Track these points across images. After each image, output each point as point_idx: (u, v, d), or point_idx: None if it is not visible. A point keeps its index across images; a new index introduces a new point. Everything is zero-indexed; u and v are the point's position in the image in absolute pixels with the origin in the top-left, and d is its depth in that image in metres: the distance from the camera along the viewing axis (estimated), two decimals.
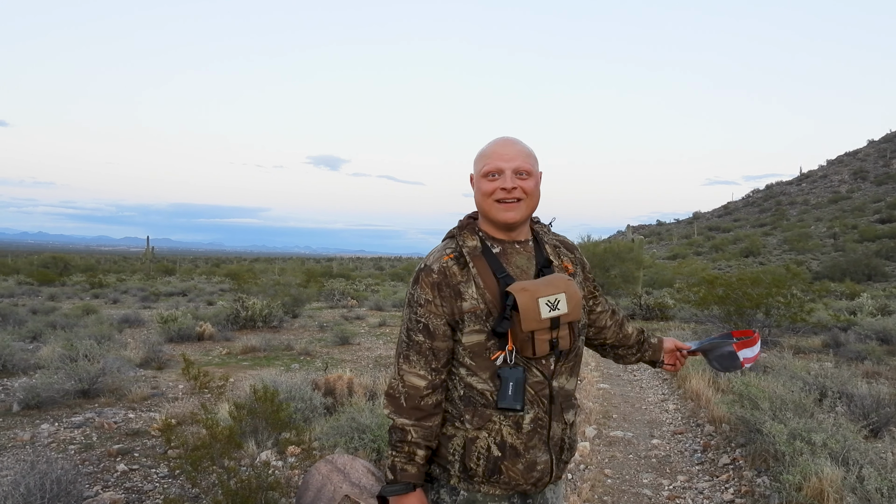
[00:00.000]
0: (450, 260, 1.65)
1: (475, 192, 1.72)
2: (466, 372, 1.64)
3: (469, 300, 1.61)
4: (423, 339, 1.62)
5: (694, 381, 6.93)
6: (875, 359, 8.64)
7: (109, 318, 13.15)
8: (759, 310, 11.01)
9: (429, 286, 1.62)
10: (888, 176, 71.71)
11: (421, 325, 1.63)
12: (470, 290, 1.62)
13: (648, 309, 16.67)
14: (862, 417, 4.96)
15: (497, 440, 1.62)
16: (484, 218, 1.72)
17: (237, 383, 7.15)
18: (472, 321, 1.61)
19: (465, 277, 1.63)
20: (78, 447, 4.87)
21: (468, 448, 1.63)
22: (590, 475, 4.45)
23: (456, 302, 1.61)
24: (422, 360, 1.62)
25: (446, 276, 1.62)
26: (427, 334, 1.62)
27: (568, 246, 1.86)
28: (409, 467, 1.61)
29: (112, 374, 6.73)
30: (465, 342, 1.62)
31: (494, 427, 1.62)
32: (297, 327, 13.72)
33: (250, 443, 4.44)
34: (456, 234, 1.72)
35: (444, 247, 1.70)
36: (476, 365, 1.62)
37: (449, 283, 1.62)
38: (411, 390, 1.62)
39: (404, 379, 1.63)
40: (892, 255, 39.17)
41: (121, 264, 60.23)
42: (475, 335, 1.61)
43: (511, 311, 1.58)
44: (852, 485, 3.42)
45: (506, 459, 1.62)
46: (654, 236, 76.65)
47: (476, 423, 1.62)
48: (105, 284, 29.42)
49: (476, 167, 1.73)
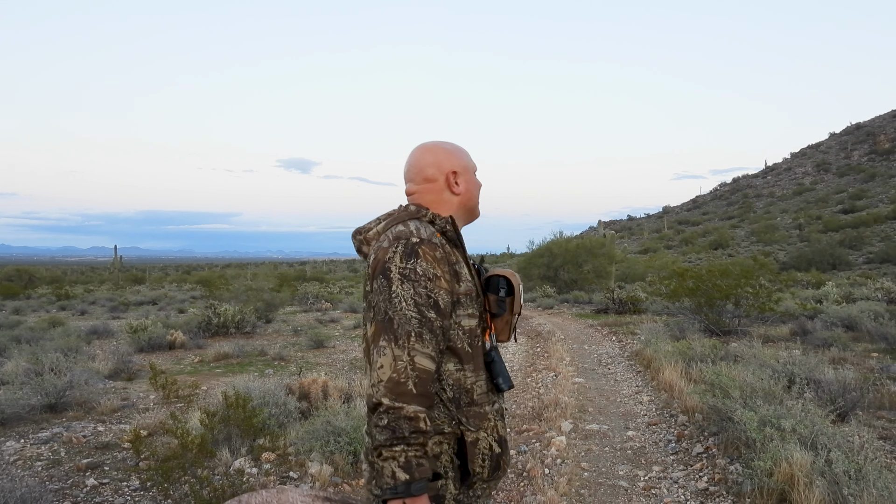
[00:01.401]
0: (442, 238, 1.59)
1: (464, 185, 1.74)
2: (456, 366, 1.57)
3: (465, 282, 1.59)
4: (435, 317, 1.48)
5: (667, 372, 7.02)
6: (841, 345, 8.84)
7: (77, 330, 12.86)
8: (728, 300, 11.20)
9: (435, 260, 1.51)
10: (850, 167, 73.69)
11: (432, 301, 1.48)
12: (464, 272, 1.61)
13: (621, 303, 16.84)
14: (829, 402, 5.07)
15: (496, 436, 1.61)
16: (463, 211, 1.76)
17: (210, 391, 7.03)
18: (467, 304, 1.59)
19: (458, 258, 1.61)
20: (45, 463, 4.74)
21: (470, 452, 1.56)
22: (567, 469, 4.47)
23: (455, 282, 1.56)
24: (434, 340, 1.47)
25: (447, 254, 1.57)
26: (438, 311, 1.49)
27: None
28: (424, 462, 1.41)
29: (80, 387, 6.58)
30: (463, 326, 1.57)
31: (490, 424, 1.61)
32: (270, 332, 13.57)
33: (224, 451, 4.37)
34: (430, 216, 1.65)
35: (422, 225, 1.60)
36: (470, 353, 1.58)
37: (449, 262, 1.56)
38: (423, 374, 1.44)
39: (415, 361, 1.43)
40: (855, 245, 40.20)
41: (88, 275, 58.96)
42: (470, 319, 1.59)
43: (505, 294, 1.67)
44: (821, 468, 3.49)
45: (504, 453, 1.64)
46: (625, 231, 77.56)
47: (475, 424, 1.57)
48: (72, 296, 28.75)
49: (467, 164, 1.78)
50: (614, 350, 10.32)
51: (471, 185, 1.76)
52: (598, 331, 13.17)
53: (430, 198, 1.71)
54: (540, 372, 8.33)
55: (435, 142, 1.78)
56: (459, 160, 1.75)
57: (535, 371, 8.45)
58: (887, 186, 59.36)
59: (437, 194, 1.71)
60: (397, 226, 1.59)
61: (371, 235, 1.66)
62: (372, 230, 1.67)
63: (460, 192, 1.73)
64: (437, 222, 1.63)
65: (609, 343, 11.25)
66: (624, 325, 13.44)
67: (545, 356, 9.66)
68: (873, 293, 15.74)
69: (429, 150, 1.75)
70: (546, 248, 27.35)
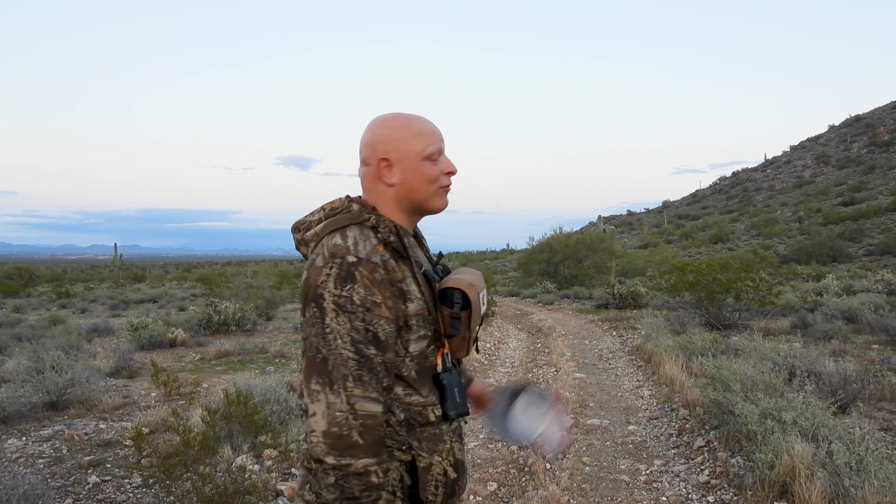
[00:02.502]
0: (385, 252, 1.35)
1: (399, 176, 1.43)
2: (405, 390, 1.38)
3: (415, 301, 1.36)
4: (376, 353, 1.27)
5: (668, 366, 7.02)
6: (841, 337, 8.86)
7: (77, 328, 12.86)
8: (728, 294, 11.20)
9: (375, 284, 1.28)
10: (849, 160, 73.62)
11: (371, 335, 1.27)
12: (413, 289, 1.36)
13: (622, 298, 16.85)
14: (830, 395, 5.08)
15: (451, 461, 1.44)
16: (406, 205, 1.46)
17: (211, 388, 7.04)
18: (418, 326, 1.37)
19: (405, 274, 1.36)
20: (47, 461, 4.75)
21: (423, 479, 1.39)
22: (568, 464, 4.48)
23: (400, 303, 1.33)
24: (374, 380, 1.27)
25: (388, 272, 1.32)
26: (378, 345, 1.28)
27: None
28: None
29: (81, 385, 6.58)
30: (411, 351, 1.36)
31: (446, 447, 1.43)
32: (271, 330, 13.58)
33: (225, 448, 4.38)
34: (373, 220, 1.39)
35: (363, 236, 1.35)
36: (419, 379, 1.39)
37: (393, 281, 1.32)
38: (368, 420, 1.24)
39: (356, 408, 1.24)
40: (855, 237, 40.21)
41: (88, 273, 59.01)
42: (420, 342, 1.38)
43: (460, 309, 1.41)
44: (822, 460, 3.50)
45: (460, 479, 1.47)
46: (625, 226, 77.56)
47: (428, 448, 1.40)
48: (72, 294, 28.78)
49: (412, 146, 1.43)
50: (615, 345, 10.33)
51: (410, 175, 1.42)
52: (598, 326, 13.18)
53: (367, 185, 1.46)
54: (541, 367, 8.34)
55: (386, 115, 1.47)
56: (396, 144, 1.42)
57: (536, 367, 8.45)
58: (887, 178, 59.33)
59: (371, 183, 1.45)
60: (335, 235, 1.35)
61: (309, 236, 1.43)
62: (311, 230, 1.43)
63: (394, 184, 1.43)
64: (380, 230, 1.37)
65: (609, 338, 11.26)
66: (624, 320, 13.45)
67: (546, 352, 9.67)
68: (874, 285, 15.75)
69: (372, 125, 1.46)
70: (546, 244, 27.36)
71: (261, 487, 3.76)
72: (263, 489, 3.83)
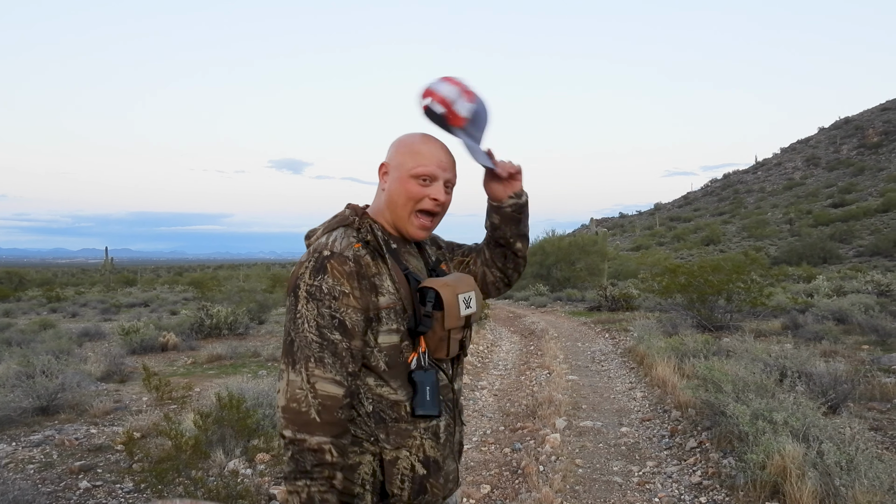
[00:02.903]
0: (360, 248, 1.46)
1: (395, 187, 1.53)
2: (376, 381, 1.45)
3: (387, 295, 1.44)
4: (340, 338, 1.37)
5: (660, 368, 7.05)
6: (832, 338, 8.91)
7: (68, 332, 12.78)
8: (720, 296, 11.26)
9: (344, 276, 1.40)
10: (839, 162, 74.19)
11: (336, 322, 1.37)
12: (386, 284, 1.45)
13: (614, 300, 16.90)
14: (821, 395, 5.11)
15: (420, 457, 1.47)
16: (390, 214, 1.56)
17: (203, 392, 7.01)
18: (389, 319, 1.44)
19: (379, 270, 1.46)
20: (37, 466, 4.71)
21: (388, 472, 1.44)
22: (561, 466, 4.49)
23: (371, 296, 1.43)
24: (338, 364, 1.36)
25: (361, 266, 1.43)
26: (344, 332, 1.38)
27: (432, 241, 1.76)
28: (329, 497, 1.32)
29: (72, 390, 6.53)
30: (381, 343, 1.44)
31: (415, 443, 1.47)
32: (263, 333, 13.52)
33: (218, 452, 4.36)
34: (356, 222, 1.53)
35: (344, 235, 1.48)
36: (389, 372, 1.45)
37: (364, 275, 1.43)
38: (327, 401, 1.34)
39: (316, 387, 1.34)
40: (845, 239, 40.50)
41: (79, 277, 58.62)
42: (391, 335, 1.45)
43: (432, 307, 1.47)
44: (813, 460, 3.52)
45: (431, 476, 1.49)
46: (617, 228, 77.83)
47: (394, 442, 1.45)
48: (63, 298, 28.57)
49: (405, 161, 1.53)
50: (607, 347, 10.35)
51: (395, 187, 1.53)
52: (591, 328, 13.21)
53: (378, 189, 1.61)
54: (534, 370, 8.35)
55: (410, 132, 1.62)
56: (396, 156, 1.55)
57: (529, 369, 8.46)
58: (876, 180, 59.81)
59: (378, 186, 1.60)
60: (323, 236, 1.50)
61: (312, 241, 1.54)
62: (314, 236, 1.55)
63: (384, 190, 1.56)
64: (361, 231, 1.50)
65: (602, 340, 11.29)
66: (617, 322, 13.49)
67: (539, 354, 9.68)
68: (864, 286, 15.87)
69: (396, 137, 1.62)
70: (539, 247, 27.41)
71: (253, 491, 3.74)
72: (256, 493, 3.82)
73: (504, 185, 1.68)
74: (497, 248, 1.73)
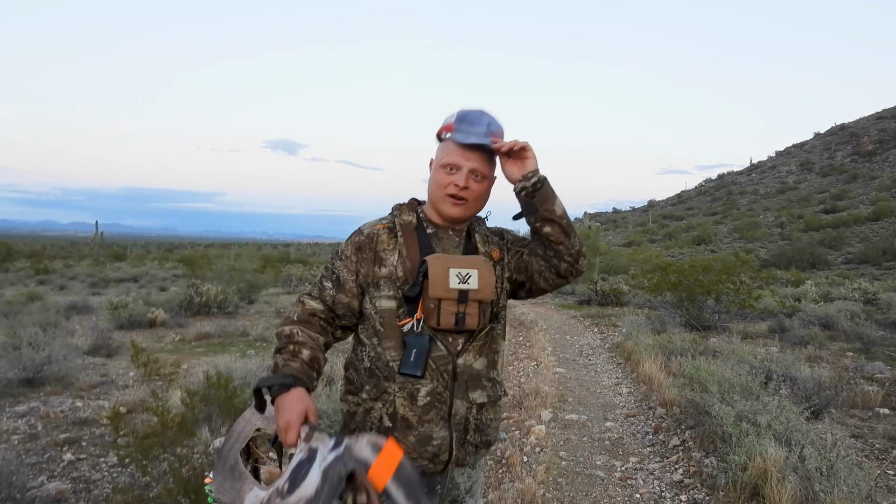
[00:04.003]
0: (382, 229, 1.73)
1: (430, 177, 1.75)
2: (376, 341, 1.69)
3: (388, 266, 1.69)
4: (331, 287, 1.73)
5: (647, 365, 7.10)
6: (817, 344, 8.99)
7: (56, 305, 12.69)
8: (709, 296, 11.31)
9: (353, 245, 1.73)
10: (832, 168, 74.54)
11: (333, 276, 1.74)
12: (392, 258, 1.69)
13: (604, 295, 16.96)
14: (804, 400, 5.16)
15: (389, 411, 1.65)
16: (430, 203, 1.77)
17: (190, 370, 7.00)
18: (386, 286, 1.67)
19: (391, 246, 1.70)
20: (21, 437, 4.70)
21: (364, 419, 1.68)
22: (545, 457, 4.52)
23: (374, 266, 1.69)
24: (321, 295, 1.74)
25: (372, 241, 1.71)
26: (335, 284, 1.73)
27: (496, 233, 1.87)
28: (292, 363, 1.59)
29: (58, 363, 6.51)
30: (378, 306, 1.68)
31: (389, 398, 1.65)
32: (252, 313, 13.51)
33: (203, 430, 4.36)
34: (395, 209, 1.79)
35: (380, 220, 1.77)
36: (385, 332, 1.67)
37: (373, 248, 1.71)
38: (306, 308, 1.72)
39: (304, 303, 1.73)
40: (834, 245, 40.75)
41: (68, 250, 58.14)
42: (387, 301, 1.67)
43: (422, 277, 1.63)
44: (794, 464, 3.56)
45: (396, 431, 1.64)
46: (610, 223, 77.96)
47: (373, 394, 1.67)
48: (51, 270, 28.36)
49: (438, 155, 1.75)
50: (596, 341, 10.41)
51: (432, 176, 1.76)
52: (580, 322, 13.27)
53: None
54: (521, 361, 8.39)
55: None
56: (436, 152, 1.77)
57: (517, 360, 8.50)
58: (868, 188, 60.13)
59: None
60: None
61: None
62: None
63: (428, 184, 1.78)
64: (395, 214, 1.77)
65: (591, 334, 11.34)
66: (606, 317, 13.55)
67: (527, 345, 9.72)
68: (850, 293, 15.97)
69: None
70: None
71: None
72: None
73: (513, 165, 1.71)
74: (534, 235, 1.75)
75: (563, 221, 1.69)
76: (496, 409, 1.80)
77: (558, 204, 1.69)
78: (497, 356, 1.80)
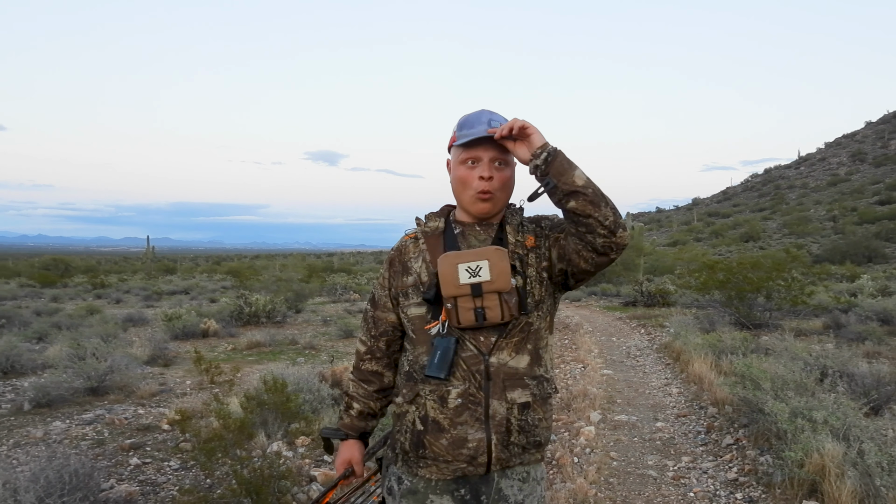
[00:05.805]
0: (409, 239, 1.77)
1: (452, 178, 1.71)
2: (412, 346, 1.72)
3: (413, 274, 1.71)
4: (369, 308, 1.84)
5: (696, 364, 7.00)
6: (876, 339, 8.71)
7: (113, 318, 13.21)
8: (759, 294, 11.07)
9: (387, 261, 1.80)
10: (886, 157, 71.64)
11: (370, 297, 1.85)
12: (416, 265, 1.71)
13: (650, 296, 16.73)
14: (862, 395, 5.03)
15: (420, 414, 1.65)
16: (458, 204, 1.74)
17: (244, 377, 7.22)
18: (414, 293, 1.70)
19: (416, 254, 1.73)
20: (90, 443, 4.94)
21: (397, 422, 1.73)
22: (595, 458, 4.52)
23: (402, 277, 1.73)
24: (364, 328, 1.86)
25: (401, 253, 1.76)
26: (372, 303, 1.83)
27: (533, 221, 1.76)
28: (344, 416, 1.86)
29: (120, 372, 6.80)
30: (409, 314, 1.71)
31: (420, 401, 1.65)
32: (300, 322, 13.79)
33: (260, 434, 4.51)
34: (426, 217, 1.80)
35: (411, 230, 1.80)
36: (417, 338, 1.69)
37: (401, 260, 1.75)
38: (356, 355, 1.87)
39: (357, 349, 1.88)
40: (891, 237, 39.20)
41: (121, 264, 60.20)
42: (416, 307, 1.69)
43: (436, 278, 1.61)
44: (853, 459, 3.49)
45: (428, 434, 1.62)
46: (653, 223, 76.66)
47: (407, 398, 1.69)
48: (107, 285, 29.45)
49: (453, 154, 1.70)
50: (643, 342, 10.29)
51: (452, 178, 1.72)
52: (626, 323, 13.12)
53: None
54: (568, 363, 8.37)
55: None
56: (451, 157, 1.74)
57: (564, 362, 8.48)
58: None
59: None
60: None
61: None
62: None
63: (452, 185, 1.75)
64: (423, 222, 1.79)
65: (637, 335, 11.22)
66: (653, 318, 13.36)
67: (573, 348, 9.68)
68: None
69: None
70: None
71: (295, 472, 3.87)
72: (297, 474, 3.95)
73: (520, 147, 1.60)
74: (564, 216, 1.61)
75: (587, 191, 1.51)
76: (545, 408, 1.69)
77: (578, 174, 1.52)
78: (543, 351, 1.69)
